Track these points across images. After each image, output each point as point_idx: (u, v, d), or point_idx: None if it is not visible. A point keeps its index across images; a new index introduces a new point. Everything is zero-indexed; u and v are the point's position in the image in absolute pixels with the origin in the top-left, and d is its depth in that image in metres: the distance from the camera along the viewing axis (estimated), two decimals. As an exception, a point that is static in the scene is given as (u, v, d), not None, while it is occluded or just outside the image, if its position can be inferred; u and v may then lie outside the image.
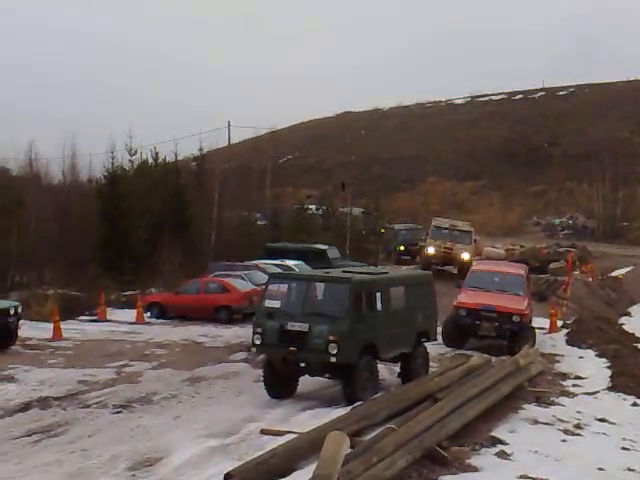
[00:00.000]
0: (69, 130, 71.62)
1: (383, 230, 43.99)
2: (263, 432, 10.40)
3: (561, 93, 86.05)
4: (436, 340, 15.47)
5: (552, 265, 36.25)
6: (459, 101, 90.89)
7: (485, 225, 51.90)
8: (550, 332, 20.22)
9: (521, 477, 8.28)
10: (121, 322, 23.26)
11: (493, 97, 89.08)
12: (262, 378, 12.92)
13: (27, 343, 18.82)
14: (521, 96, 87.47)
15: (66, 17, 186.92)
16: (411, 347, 13.35)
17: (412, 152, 72.96)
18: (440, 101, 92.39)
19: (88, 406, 12.53)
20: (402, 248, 40.82)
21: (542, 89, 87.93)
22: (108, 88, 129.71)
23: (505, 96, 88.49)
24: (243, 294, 23.04)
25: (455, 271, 31.41)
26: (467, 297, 18.01)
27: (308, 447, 8.81)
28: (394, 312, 12.88)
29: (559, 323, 21.09)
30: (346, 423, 9.42)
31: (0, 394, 13.36)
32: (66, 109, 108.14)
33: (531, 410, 11.58)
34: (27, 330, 19.74)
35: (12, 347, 18.13)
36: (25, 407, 12.47)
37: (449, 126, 78.23)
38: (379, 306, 12.48)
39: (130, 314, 23.99)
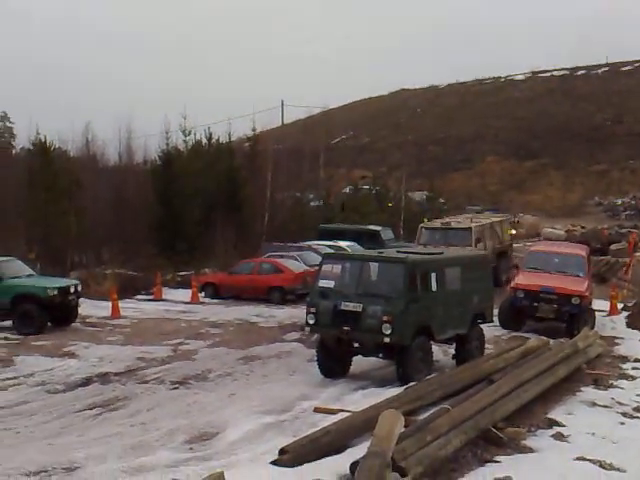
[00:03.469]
0: (125, 112, 72.66)
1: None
2: (316, 410, 10.45)
3: (625, 69, 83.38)
4: (492, 322, 15.27)
5: (613, 246, 35.38)
6: (519, 77, 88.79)
7: (545, 205, 50.85)
8: (610, 314, 19.80)
9: (578, 459, 8.15)
10: (176, 301, 23.66)
11: (555, 73, 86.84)
12: (315, 357, 12.98)
13: (87, 321, 19.32)
14: (584, 72, 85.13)
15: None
16: (466, 328, 13.21)
17: (469, 130, 71.60)
18: (499, 77, 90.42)
19: (146, 382, 12.80)
20: None
21: (605, 64, 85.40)
22: (163, 69, 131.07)
23: (567, 72, 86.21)
24: (296, 275, 23.14)
25: None
26: (525, 278, 17.67)
27: (361, 425, 8.83)
28: (449, 293, 12.74)
29: (619, 305, 20.65)
30: (400, 402, 9.39)
31: (62, 369, 13.77)
32: (121, 91, 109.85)
33: (589, 393, 11.39)
34: (86, 308, 20.23)
35: (72, 324, 18.65)
36: (86, 382, 12.82)
37: (508, 103, 76.59)
38: (434, 286, 12.34)
39: (185, 294, 24.37)
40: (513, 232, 34.55)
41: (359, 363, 13.07)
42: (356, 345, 12.08)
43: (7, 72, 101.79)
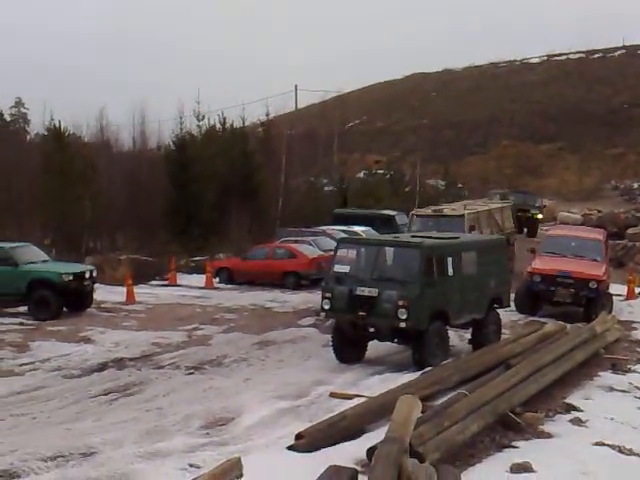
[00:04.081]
0: (138, 97, 72.67)
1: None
2: (332, 395, 10.42)
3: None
4: (509, 307, 15.17)
5: (630, 230, 35.02)
6: (535, 60, 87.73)
7: (561, 189, 50.34)
8: (627, 299, 19.67)
9: (596, 444, 8.09)
10: (191, 287, 23.69)
11: (570, 56, 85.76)
12: (331, 343, 12.93)
13: (102, 306, 19.37)
14: (600, 55, 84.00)
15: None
16: (483, 313, 13.11)
17: (484, 114, 70.90)
18: (515, 60, 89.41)
19: (162, 367, 12.82)
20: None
21: (622, 47, 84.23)
22: (176, 54, 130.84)
23: (583, 55, 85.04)
24: (310, 260, 23.10)
25: None
26: (542, 263, 17.53)
27: (378, 410, 8.80)
28: (466, 277, 12.64)
29: (637, 290, 20.49)
30: (416, 388, 9.34)
31: (77, 354, 13.81)
32: (135, 76, 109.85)
33: (607, 377, 11.29)
34: (101, 293, 20.29)
35: (88, 310, 18.71)
36: (102, 367, 12.85)
37: (524, 86, 75.72)
38: (450, 271, 12.25)
39: (199, 279, 24.40)
40: (540, 217, 33.76)
41: (375, 348, 13.02)
42: (371, 330, 12.02)
43: (21, 57, 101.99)
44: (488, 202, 26.06)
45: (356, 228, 26.43)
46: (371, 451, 6.77)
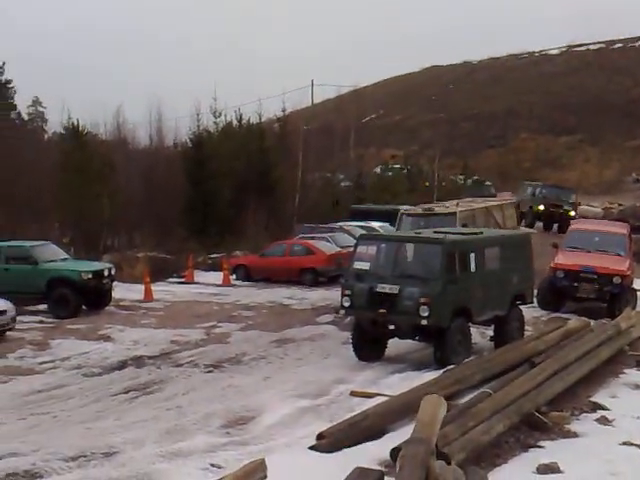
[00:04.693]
0: (155, 95, 72.77)
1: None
2: (353, 394, 10.34)
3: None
4: (532, 303, 14.99)
5: (653, 224, 34.42)
6: (554, 51, 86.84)
7: (581, 182, 49.61)
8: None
9: (624, 444, 7.95)
10: (208, 284, 23.65)
11: (590, 46, 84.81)
12: (350, 340, 12.84)
13: (120, 304, 19.39)
14: (620, 45, 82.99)
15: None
16: (506, 310, 12.95)
17: (503, 107, 70.19)
18: (533, 52, 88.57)
19: (181, 365, 12.79)
20: (541, 208, 33.23)
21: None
22: (192, 51, 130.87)
23: (603, 45, 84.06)
24: (328, 256, 22.97)
25: None
26: (565, 258, 17.30)
27: (400, 410, 8.71)
28: (489, 273, 12.48)
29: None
30: (439, 386, 9.22)
31: (97, 353, 13.82)
32: (152, 74, 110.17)
33: (632, 375, 11.14)
34: (120, 291, 20.31)
35: (107, 308, 18.73)
36: (121, 365, 12.85)
37: (543, 78, 74.85)
38: (473, 267, 12.09)
39: (216, 276, 24.36)
40: (572, 214, 32.63)
41: (395, 346, 12.89)
42: (392, 328, 11.89)
43: (38, 57, 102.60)
44: (487, 199, 24.81)
45: (374, 224, 26.26)
46: (395, 452, 6.66)
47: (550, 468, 7.14)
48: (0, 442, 8.53)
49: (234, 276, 24.28)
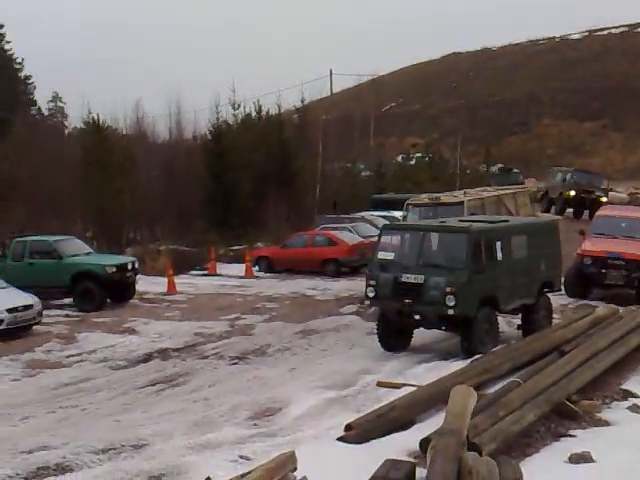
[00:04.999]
0: (174, 88, 72.87)
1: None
2: (379, 384, 10.29)
3: (689, 23, 79.69)
4: (560, 290, 14.83)
5: (678, 209, 33.75)
6: (576, 36, 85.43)
7: (605, 168, 48.88)
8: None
9: (657, 433, 7.83)
10: (230, 276, 23.70)
11: (613, 30, 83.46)
12: (375, 331, 12.76)
13: (144, 297, 19.49)
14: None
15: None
16: (534, 298, 12.79)
17: (524, 93, 69.27)
18: (554, 37, 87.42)
19: (206, 357, 12.82)
20: (571, 194, 32.01)
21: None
22: (211, 42, 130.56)
23: (626, 29, 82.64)
24: (350, 247, 22.90)
25: None
26: (592, 244, 17.07)
27: (428, 400, 8.66)
28: (516, 262, 12.34)
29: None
30: (466, 376, 9.15)
31: (123, 345, 13.91)
32: (171, 67, 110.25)
33: (663, 362, 10.95)
34: (143, 284, 20.38)
35: (130, 301, 18.84)
36: (147, 358, 12.92)
37: (565, 64, 73.82)
38: (499, 256, 11.96)
39: (239, 268, 24.40)
40: (604, 200, 31.88)
41: (420, 336, 12.81)
42: (418, 318, 11.79)
43: (58, 52, 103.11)
44: (498, 188, 23.86)
45: (396, 213, 26.10)
46: (425, 443, 6.62)
47: (583, 457, 7.06)
48: (30, 435, 8.62)
49: (256, 268, 24.30)
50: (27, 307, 14.98)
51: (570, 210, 32.43)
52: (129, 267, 18.65)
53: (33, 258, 18.20)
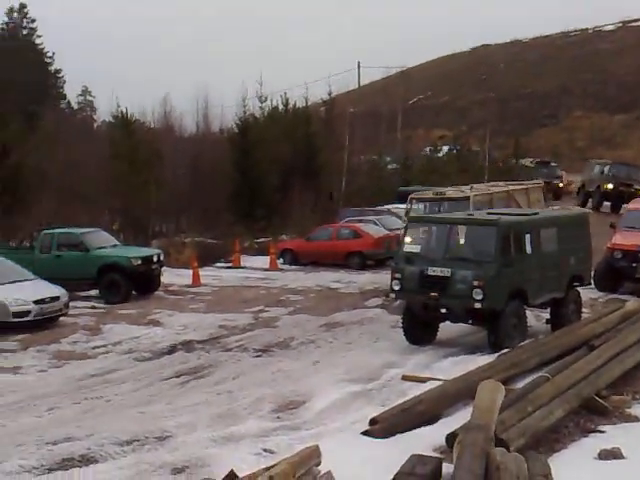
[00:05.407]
0: (202, 82, 73.14)
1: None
2: (405, 378, 10.19)
3: None
4: (590, 284, 14.60)
5: None
6: (609, 27, 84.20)
7: (637, 160, 48.07)
8: None
9: (689, 429, 7.65)
10: (255, 269, 23.70)
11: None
12: (400, 324, 12.65)
13: (169, 289, 19.56)
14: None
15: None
16: (563, 292, 12.59)
17: (555, 85, 68.34)
18: (587, 29, 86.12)
19: (230, 349, 12.81)
20: (610, 187, 31.00)
21: None
22: (238, 36, 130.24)
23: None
24: (376, 239, 22.77)
25: None
26: (623, 238, 16.79)
27: (454, 395, 8.56)
28: (545, 255, 12.14)
29: None
30: (494, 371, 9.02)
31: (147, 337, 13.94)
32: (199, 61, 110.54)
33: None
34: (168, 276, 20.45)
35: (156, 293, 18.92)
36: (171, 350, 12.94)
37: (597, 56, 72.62)
38: (528, 249, 11.79)
39: (263, 261, 24.40)
40: None
41: (446, 329, 12.67)
42: (444, 311, 11.67)
43: (87, 47, 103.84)
44: (508, 183, 22.69)
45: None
46: (451, 438, 6.52)
47: (612, 453, 6.92)
48: (55, 427, 8.65)
49: (281, 260, 24.27)
50: (54, 299, 15.09)
51: (608, 204, 31.35)
52: (154, 259, 18.73)
53: (60, 250, 18.33)
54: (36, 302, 14.67)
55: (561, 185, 36.91)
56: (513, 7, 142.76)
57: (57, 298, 15.16)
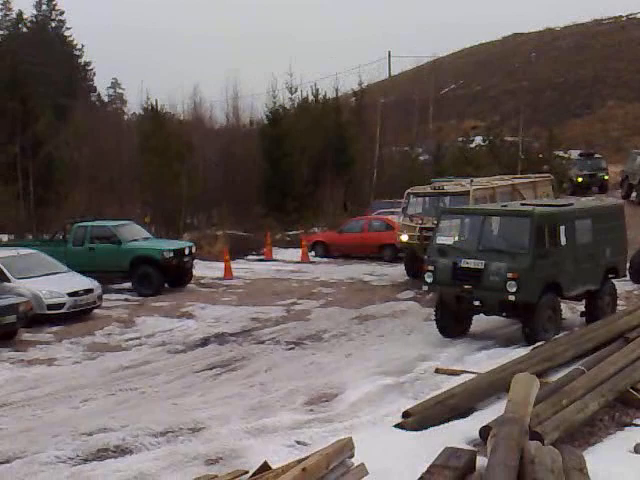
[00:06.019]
0: (232, 73, 73.30)
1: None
2: (438, 371, 10.14)
3: None
4: (625, 276, 14.36)
5: None
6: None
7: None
8: None
9: None
10: (286, 261, 23.76)
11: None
12: (433, 317, 12.58)
13: (201, 282, 19.68)
14: None
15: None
16: (598, 284, 12.41)
17: (588, 74, 67.18)
18: (620, 16, 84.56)
19: (262, 342, 12.84)
20: None
21: None
22: (269, 26, 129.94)
23: (698, 6, 79.28)
24: (407, 231, 22.59)
25: None
26: None
27: (488, 388, 8.48)
28: (580, 247, 11.98)
29: None
30: (528, 364, 8.92)
31: (180, 330, 14.05)
32: (228, 52, 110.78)
33: None
34: (200, 269, 20.61)
35: (188, 285, 19.04)
36: (204, 342, 13.01)
37: (631, 44, 71.14)
38: (563, 240, 11.61)
39: (295, 253, 24.43)
40: None
41: (480, 322, 12.57)
42: (477, 304, 11.55)
43: (116, 39, 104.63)
44: (513, 177, 22.29)
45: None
46: (485, 431, 6.47)
47: (649, 448, 6.79)
48: (90, 418, 8.75)
49: (312, 253, 24.28)
50: (88, 291, 15.27)
51: None
52: (186, 252, 18.83)
53: (93, 243, 18.53)
54: (70, 294, 14.86)
55: (606, 177, 36.00)
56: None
57: (91, 290, 15.35)
